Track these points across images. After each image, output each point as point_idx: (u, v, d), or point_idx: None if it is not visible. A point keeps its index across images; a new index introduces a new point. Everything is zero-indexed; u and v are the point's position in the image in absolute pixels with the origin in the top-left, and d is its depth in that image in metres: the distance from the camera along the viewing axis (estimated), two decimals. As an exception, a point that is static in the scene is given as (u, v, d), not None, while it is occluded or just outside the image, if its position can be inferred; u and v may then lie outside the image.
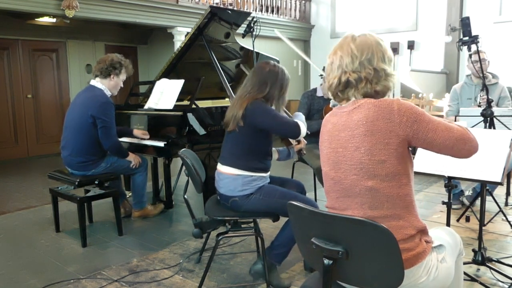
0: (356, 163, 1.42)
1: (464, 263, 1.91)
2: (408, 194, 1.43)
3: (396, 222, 1.40)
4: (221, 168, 2.41)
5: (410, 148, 1.45)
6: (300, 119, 2.53)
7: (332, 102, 3.70)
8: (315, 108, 3.72)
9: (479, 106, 3.57)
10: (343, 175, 1.46)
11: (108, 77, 3.33)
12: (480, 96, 3.59)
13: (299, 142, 2.63)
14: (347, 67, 1.46)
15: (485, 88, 2.91)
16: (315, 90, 3.81)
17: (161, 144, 3.46)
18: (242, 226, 2.52)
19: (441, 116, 3.26)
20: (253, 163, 2.36)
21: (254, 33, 4.10)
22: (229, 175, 2.36)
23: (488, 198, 3.12)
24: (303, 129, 2.43)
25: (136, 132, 3.64)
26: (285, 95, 2.48)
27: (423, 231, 1.47)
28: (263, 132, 2.37)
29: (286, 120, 2.39)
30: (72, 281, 2.60)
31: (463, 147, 1.45)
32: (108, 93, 3.34)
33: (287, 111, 3.19)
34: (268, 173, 2.47)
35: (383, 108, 1.39)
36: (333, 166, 1.50)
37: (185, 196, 2.37)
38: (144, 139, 3.61)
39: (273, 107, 2.43)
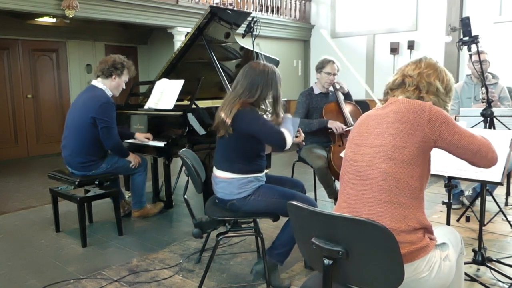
0: (376, 146, 1.50)
1: (464, 263, 1.91)
2: (418, 187, 1.48)
3: (402, 211, 1.43)
4: (216, 172, 2.41)
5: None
6: (287, 127, 2.41)
7: (378, 104, 3.74)
8: (314, 106, 3.70)
9: (483, 102, 3.57)
10: (360, 156, 1.54)
11: (109, 77, 3.33)
12: (482, 93, 3.58)
13: (297, 136, 2.60)
14: (407, 72, 1.64)
15: (485, 86, 2.91)
16: (311, 88, 3.79)
17: (161, 144, 3.46)
18: (242, 226, 2.52)
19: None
20: (247, 166, 2.34)
21: (254, 33, 4.09)
22: (224, 179, 2.35)
23: (488, 198, 3.11)
24: (289, 140, 2.35)
25: (138, 135, 3.60)
26: (279, 94, 2.39)
27: (427, 229, 1.49)
28: (253, 136, 2.33)
29: (273, 131, 2.31)
30: (72, 281, 2.60)
31: (485, 155, 1.56)
32: (109, 93, 3.33)
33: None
34: (264, 172, 2.44)
35: (415, 105, 1.51)
36: (353, 148, 1.59)
37: (185, 196, 2.37)
38: (147, 142, 3.57)
39: (267, 110, 2.40)
